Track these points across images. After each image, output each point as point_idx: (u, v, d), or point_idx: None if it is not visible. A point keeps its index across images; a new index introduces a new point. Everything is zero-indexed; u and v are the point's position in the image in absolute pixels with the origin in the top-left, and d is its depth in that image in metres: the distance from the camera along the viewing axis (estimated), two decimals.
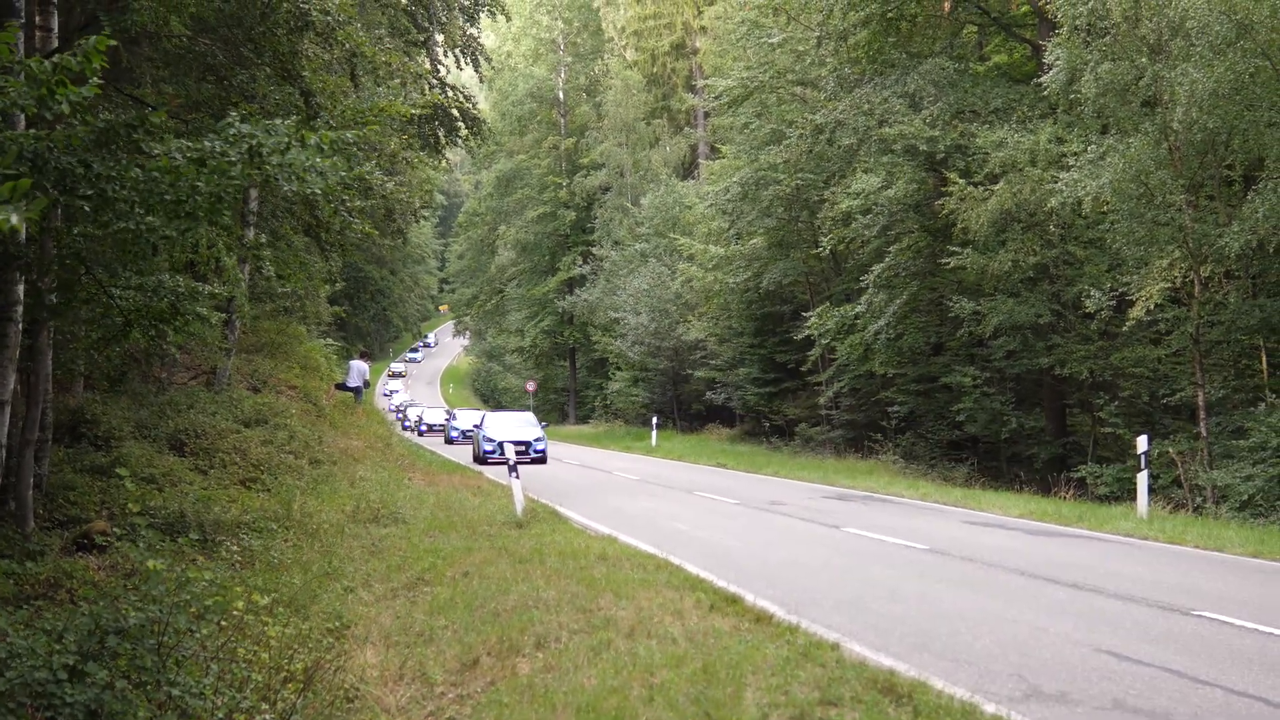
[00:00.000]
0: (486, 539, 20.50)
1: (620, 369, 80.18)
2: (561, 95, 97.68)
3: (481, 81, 63.21)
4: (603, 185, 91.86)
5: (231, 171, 11.74)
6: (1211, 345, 31.88)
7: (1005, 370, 42.15)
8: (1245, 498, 27.10)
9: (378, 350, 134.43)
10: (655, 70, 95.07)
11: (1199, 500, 29.06)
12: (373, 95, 24.79)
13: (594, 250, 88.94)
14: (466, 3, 47.72)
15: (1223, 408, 31.46)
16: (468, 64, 47.84)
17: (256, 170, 11.90)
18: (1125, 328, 33.41)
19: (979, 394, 41.91)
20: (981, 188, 37.28)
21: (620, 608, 14.07)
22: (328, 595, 15.44)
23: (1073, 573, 17.83)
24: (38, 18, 16.06)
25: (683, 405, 74.35)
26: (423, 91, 34.74)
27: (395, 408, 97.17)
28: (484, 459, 45.44)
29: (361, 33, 22.56)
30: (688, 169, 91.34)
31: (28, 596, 13.53)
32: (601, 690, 10.74)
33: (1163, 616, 14.33)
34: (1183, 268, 30.47)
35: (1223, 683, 11.20)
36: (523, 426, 47.69)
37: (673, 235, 69.78)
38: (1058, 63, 32.32)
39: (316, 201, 20.45)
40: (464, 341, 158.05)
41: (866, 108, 43.08)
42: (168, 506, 18.80)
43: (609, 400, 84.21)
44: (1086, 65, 30.97)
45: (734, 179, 56.25)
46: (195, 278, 19.58)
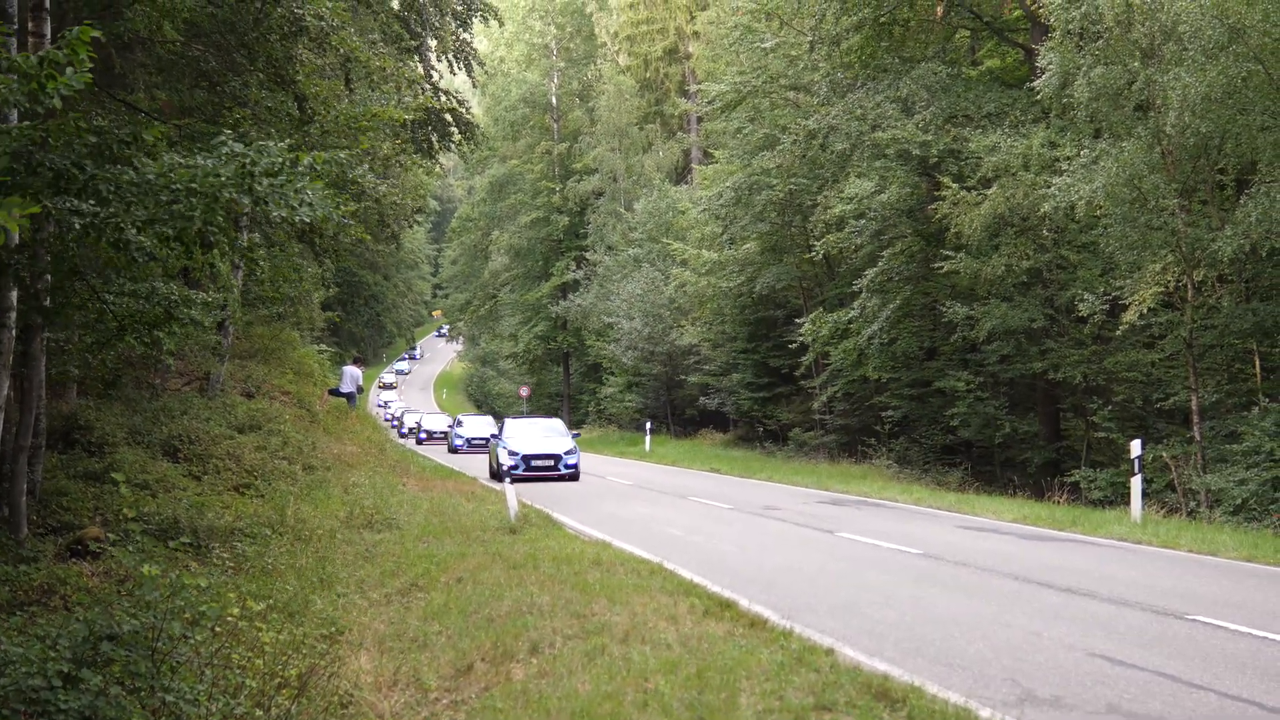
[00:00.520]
0: (480, 544, 20.48)
1: (614, 374, 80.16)
2: (554, 100, 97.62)
3: (474, 86, 63.32)
4: (596, 190, 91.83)
5: (222, 195, 11.72)
6: (1205, 349, 31.91)
7: (999, 375, 42.18)
8: (1239, 502, 27.11)
9: (371, 356, 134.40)
10: (648, 75, 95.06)
11: (1193, 504, 29.07)
12: (366, 100, 24.80)
13: (587, 255, 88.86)
14: (459, 8, 47.69)
15: (1216, 412, 31.48)
16: (460, 69, 47.86)
17: (247, 194, 11.88)
18: (1119, 332, 33.41)
19: (972, 399, 41.92)
20: (975, 192, 37.30)
21: (614, 613, 14.06)
22: (322, 601, 15.43)
23: (1067, 577, 17.84)
24: (30, 23, 16.04)
25: (676, 410, 74.34)
26: (416, 95, 34.77)
27: (391, 416, 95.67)
28: (504, 475, 36.27)
29: (355, 38, 22.56)
30: (681, 174, 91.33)
31: (21, 603, 13.52)
32: (596, 696, 10.74)
33: (1157, 621, 14.34)
34: (1176, 272, 30.48)
35: (1216, 687, 11.20)
36: (550, 437, 41.73)
37: (666, 240, 69.77)
38: (1050, 67, 32.34)
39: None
40: (457, 347, 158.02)
41: (859, 112, 43.10)
42: (161, 512, 18.78)
43: (603, 405, 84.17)
44: (1079, 69, 31.00)
45: (727, 184, 56.24)
46: (189, 284, 19.60)
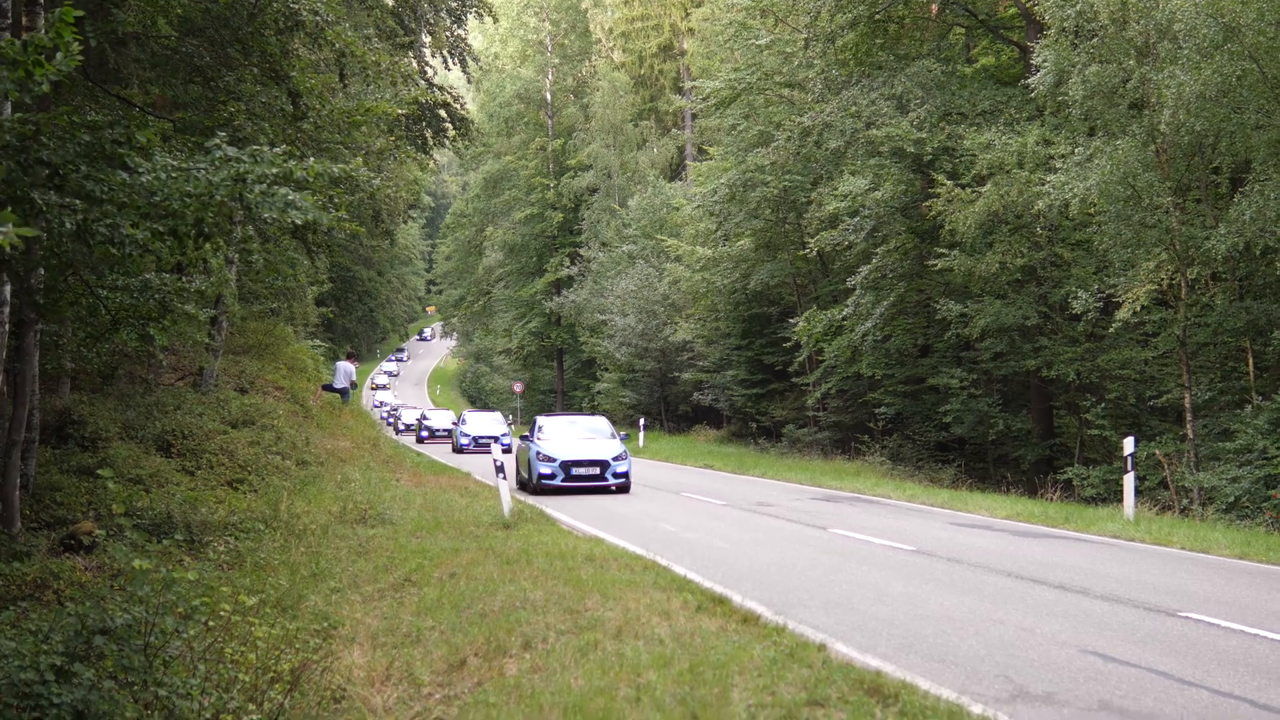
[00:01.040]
0: (474, 540, 20.48)
1: (608, 370, 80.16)
2: (549, 96, 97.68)
3: (469, 83, 63.25)
4: (590, 186, 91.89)
5: (215, 197, 11.72)
6: (1198, 347, 31.96)
7: (992, 372, 42.22)
8: (1231, 499, 27.14)
9: (365, 351, 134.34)
10: (643, 72, 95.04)
11: (1185, 502, 29.10)
12: (360, 95, 24.79)
13: (581, 251, 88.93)
14: (454, 4, 47.70)
15: (1209, 410, 31.52)
16: (455, 65, 47.88)
17: (238, 201, 11.90)
18: (1112, 330, 33.48)
19: (966, 396, 41.96)
20: (969, 189, 37.33)
21: (607, 608, 14.06)
22: (315, 596, 15.43)
23: (1059, 574, 17.85)
24: (24, 19, 16.04)
25: (670, 406, 74.37)
26: (410, 90, 34.77)
27: (387, 413, 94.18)
28: (541, 487, 32.05)
29: (350, 33, 22.55)
30: (675, 170, 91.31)
31: (14, 597, 13.53)
32: (588, 691, 10.74)
33: (1149, 618, 14.34)
34: (1170, 270, 30.52)
35: (1208, 684, 11.21)
36: (593, 439, 34.42)
37: (660, 237, 69.80)
38: (1045, 65, 32.35)
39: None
40: (450, 342, 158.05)
41: (854, 110, 43.10)
42: (155, 507, 18.81)
43: (596, 401, 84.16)
44: (1074, 67, 31.02)
45: (721, 180, 56.25)
46: (181, 274, 19.59)
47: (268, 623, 12.88)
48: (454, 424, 66.58)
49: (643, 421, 65.60)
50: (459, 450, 57.47)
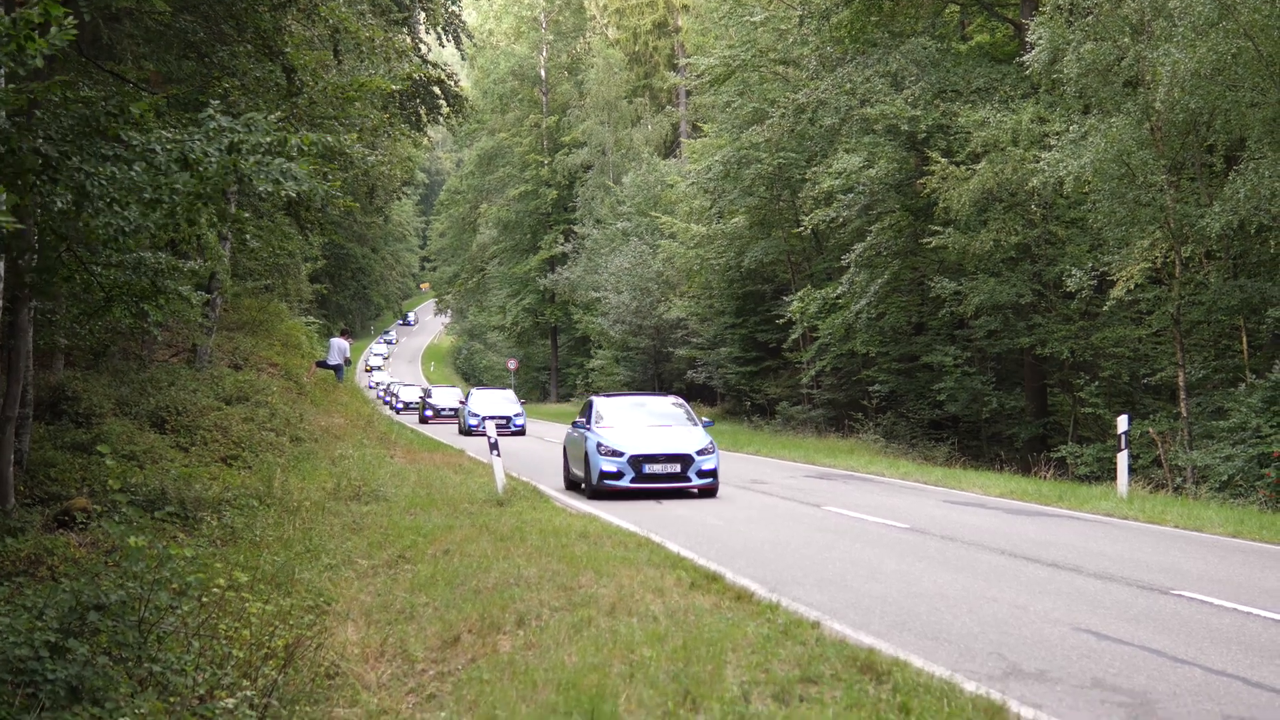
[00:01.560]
0: (468, 517, 20.49)
1: (602, 347, 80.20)
2: (543, 73, 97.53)
3: (463, 59, 63.08)
4: (584, 163, 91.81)
5: (210, 169, 11.69)
6: (1192, 325, 31.97)
7: (986, 350, 42.27)
8: (1225, 478, 27.17)
9: (359, 328, 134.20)
10: (637, 48, 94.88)
11: (1179, 480, 29.14)
12: (354, 70, 24.73)
13: (575, 228, 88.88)
14: None
15: (1203, 388, 31.54)
16: (449, 41, 47.68)
17: (232, 170, 11.86)
18: (1106, 308, 33.47)
19: (960, 374, 41.99)
20: (963, 167, 37.31)
21: (601, 585, 14.07)
22: (309, 572, 15.43)
23: (1052, 552, 17.87)
24: None
25: (664, 384, 74.35)
26: (405, 65, 34.67)
27: (384, 391, 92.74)
28: (602, 489, 25.53)
29: (344, 8, 22.50)
30: (669, 147, 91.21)
31: (8, 573, 13.52)
32: (582, 667, 10.75)
33: (1142, 595, 14.36)
34: (1164, 248, 30.53)
35: (1201, 662, 11.23)
36: (667, 426, 27.54)
37: (654, 214, 69.76)
38: (1040, 42, 32.31)
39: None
40: (443, 319, 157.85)
41: (848, 87, 43.07)
42: (149, 483, 18.81)
43: (590, 379, 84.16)
44: (1069, 45, 30.99)
45: (716, 158, 56.16)
46: (177, 255, 19.55)
47: (261, 599, 12.89)
48: (461, 402, 62.32)
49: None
50: (467, 432, 52.25)
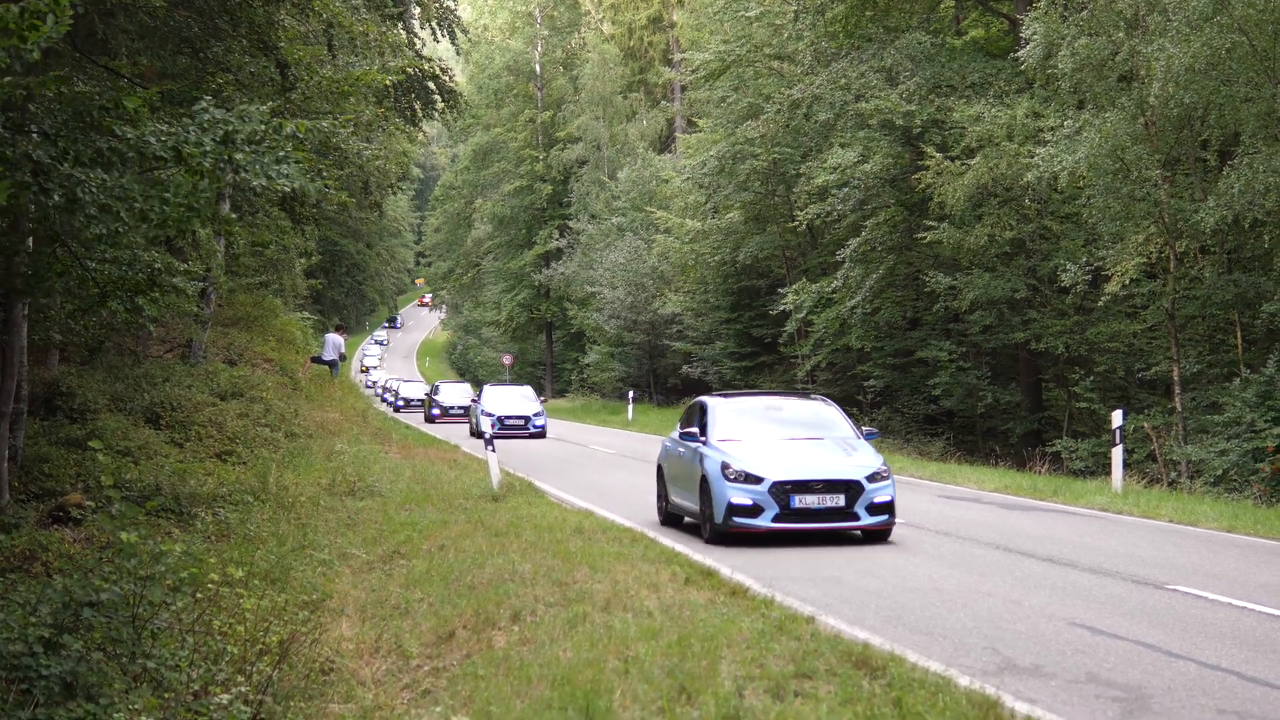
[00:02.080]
0: (463, 512, 20.49)
1: (596, 343, 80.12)
2: (538, 68, 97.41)
3: (458, 54, 63.07)
4: (579, 159, 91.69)
5: (204, 162, 11.68)
6: (1186, 320, 31.99)
7: (981, 345, 42.25)
8: (1219, 473, 27.18)
9: (353, 324, 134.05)
10: (632, 44, 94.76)
11: (1173, 475, 29.15)
12: (349, 65, 24.73)
13: (571, 224, 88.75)
14: None
15: (1197, 383, 31.56)
16: (444, 36, 47.65)
17: (226, 163, 11.85)
18: (1101, 302, 33.47)
19: (955, 369, 41.97)
20: (958, 162, 37.31)
21: (596, 581, 14.08)
22: (303, 568, 15.44)
23: (1047, 546, 17.90)
24: None
25: (659, 379, 74.36)
26: (399, 59, 34.65)
27: (382, 389, 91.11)
28: (732, 528, 18.65)
29: (338, 3, 22.50)
30: (665, 142, 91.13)
31: (2, 569, 13.52)
32: (577, 663, 10.75)
33: (1137, 590, 14.38)
34: (1158, 243, 30.52)
35: (1196, 656, 11.24)
36: (821, 444, 20.13)
37: (649, 209, 69.76)
38: (1035, 37, 32.30)
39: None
40: (440, 314, 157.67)
41: (843, 82, 43.05)
42: (143, 479, 18.81)
43: (585, 374, 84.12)
44: (1064, 40, 30.98)
45: (711, 153, 56.21)
46: (171, 250, 19.57)
47: (256, 595, 12.90)
48: (473, 400, 53.23)
49: (631, 394, 65.59)
50: (479, 434, 41.29)
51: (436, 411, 60.01)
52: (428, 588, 14.61)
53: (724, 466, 18.79)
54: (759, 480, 18.50)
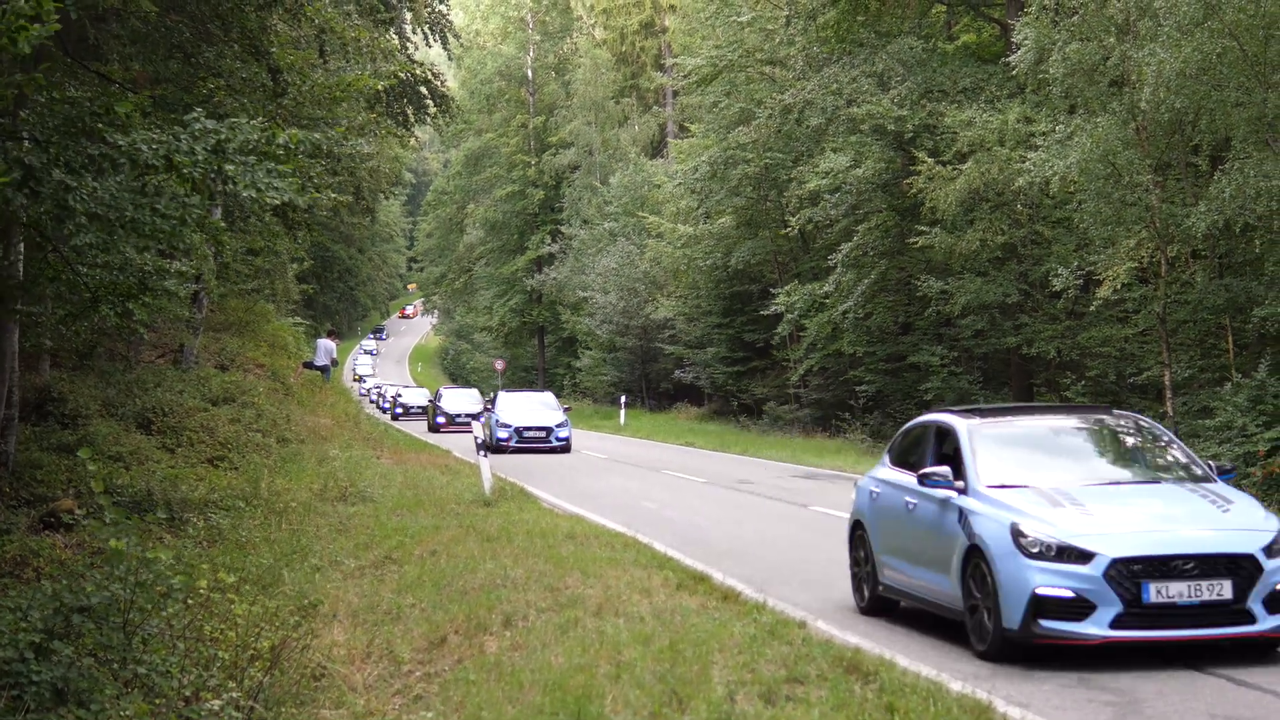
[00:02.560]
0: (454, 518, 20.49)
1: (589, 348, 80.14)
2: (530, 74, 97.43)
3: (450, 59, 63.04)
4: (571, 164, 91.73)
5: (195, 172, 11.68)
6: (1178, 325, 31.99)
7: (973, 350, 42.29)
8: None
9: (345, 329, 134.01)
10: (624, 49, 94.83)
11: None
12: (340, 71, 24.75)
13: (562, 229, 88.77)
14: None
15: (1189, 387, 31.57)
16: (436, 41, 47.67)
17: (216, 173, 11.85)
18: (1092, 307, 33.49)
19: (947, 373, 41.98)
20: (950, 167, 37.32)
21: (588, 586, 14.08)
22: (295, 574, 15.43)
23: None
24: None
25: (651, 384, 74.37)
26: (391, 65, 34.68)
27: (378, 395, 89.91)
28: (1030, 632, 11.60)
29: (330, 9, 22.52)
30: (656, 148, 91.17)
31: None
32: (569, 668, 10.76)
33: None
34: (1149, 247, 30.55)
35: (1188, 661, 11.26)
36: (1164, 492, 13.16)
37: (641, 214, 69.83)
38: (1026, 42, 32.33)
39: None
40: (432, 320, 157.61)
41: (835, 87, 43.11)
42: (135, 485, 18.80)
43: (578, 379, 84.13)
44: (1054, 45, 30.99)
45: (702, 158, 56.25)
46: (161, 252, 19.54)
47: (247, 600, 12.89)
48: (486, 408, 46.62)
49: (624, 399, 65.60)
50: (497, 448, 39.61)
51: (441, 420, 55.31)
52: (419, 593, 14.60)
53: (1016, 532, 11.96)
54: (1087, 556, 11.64)
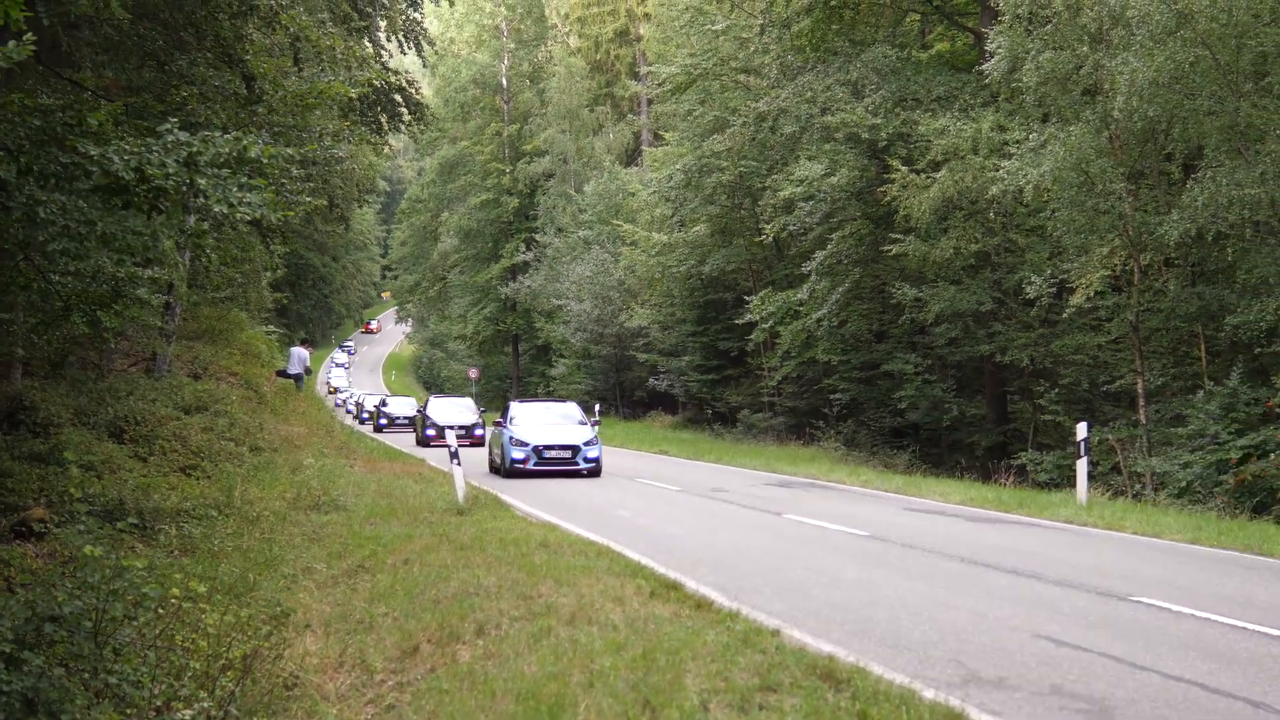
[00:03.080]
0: (428, 526, 20.43)
1: (563, 356, 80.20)
2: (505, 82, 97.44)
3: (425, 67, 63.04)
4: (546, 172, 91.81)
5: (166, 184, 11.64)
6: (1151, 333, 32.14)
7: (947, 358, 42.41)
8: (1183, 484, 27.32)
9: (319, 337, 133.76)
10: (599, 57, 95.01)
11: (1138, 487, 29.27)
12: (314, 77, 24.71)
13: (537, 237, 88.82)
14: None
15: (1162, 395, 31.71)
16: (410, 49, 47.65)
17: (188, 186, 11.82)
18: (1065, 315, 33.65)
19: (920, 381, 42.11)
20: (924, 175, 37.45)
21: (561, 595, 14.05)
22: (268, 583, 15.37)
23: (1012, 559, 17.93)
24: None
25: (625, 392, 74.42)
26: (365, 72, 34.65)
27: (356, 404, 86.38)
28: None
29: (305, 17, 22.48)
30: (631, 156, 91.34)
31: None
32: (542, 677, 10.73)
33: (1101, 602, 14.42)
34: (1122, 255, 30.69)
35: (1160, 668, 11.27)
36: None
37: (616, 222, 69.94)
38: (999, 51, 32.48)
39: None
40: (405, 329, 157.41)
41: (809, 95, 43.23)
42: (107, 493, 18.69)
43: (552, 387, 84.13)
44: (1028, 54, 31.14)
45: (677, 166, 56.42)
46: (136, 264, 19.48)
47: (219, 610, 12.83)
48: (497, 423, 35.45)
49: (598, 407, 65.64)
50: (509, 472, 32.27)
51: (432, 433, 49.45)
52: (392, 602, 14.57)
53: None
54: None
